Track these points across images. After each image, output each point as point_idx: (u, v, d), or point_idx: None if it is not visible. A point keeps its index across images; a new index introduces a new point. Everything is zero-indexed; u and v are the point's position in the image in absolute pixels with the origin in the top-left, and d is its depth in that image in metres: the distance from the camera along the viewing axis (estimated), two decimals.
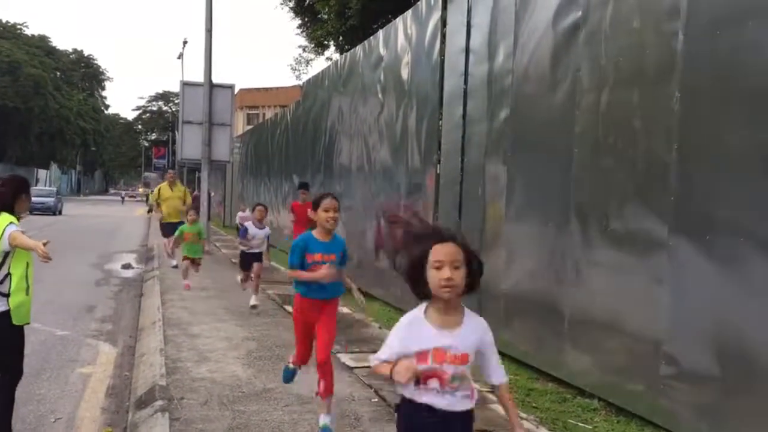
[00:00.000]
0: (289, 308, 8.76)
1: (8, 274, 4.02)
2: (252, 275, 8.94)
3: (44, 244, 3.96)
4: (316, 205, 4.36)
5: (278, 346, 6.69)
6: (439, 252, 2.26)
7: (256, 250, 9.06)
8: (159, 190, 13.99)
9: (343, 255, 4.46)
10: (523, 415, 4.85)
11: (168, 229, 13.31)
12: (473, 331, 2.39)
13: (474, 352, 2.39)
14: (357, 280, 10.56)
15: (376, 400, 5.09)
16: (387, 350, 2.40)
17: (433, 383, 2.32)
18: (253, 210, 9.44)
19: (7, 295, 3.99)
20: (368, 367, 5.92)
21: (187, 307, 8.66)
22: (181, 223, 11.72)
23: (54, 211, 34.47)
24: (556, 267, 5.79)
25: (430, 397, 2.32)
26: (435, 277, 2.25)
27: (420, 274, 2.30)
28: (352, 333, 7.52)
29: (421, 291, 2.34)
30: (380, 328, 7.91)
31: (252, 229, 9.05)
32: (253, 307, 8.58)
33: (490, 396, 5.23)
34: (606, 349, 5.19)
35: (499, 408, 4.98)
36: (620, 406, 4.98)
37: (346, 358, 6.31)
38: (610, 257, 5.17)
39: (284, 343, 6.83)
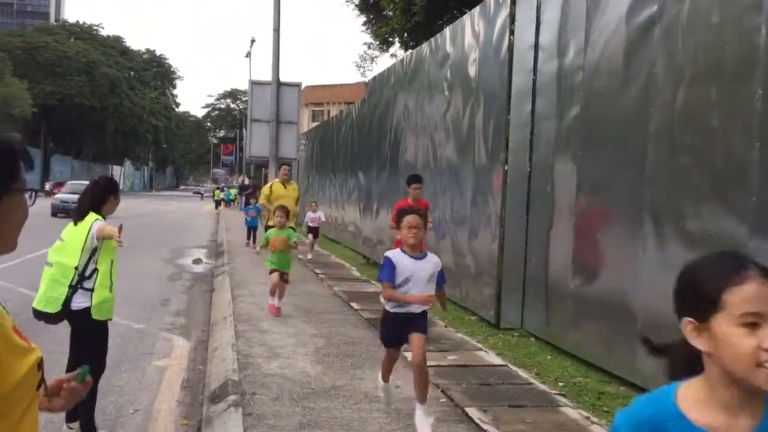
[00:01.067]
0: (356, 305, 8.84)
1: (95, 270, 4.20)
2: (409, 357, 4.84)
3: (119, 229, 4.11)
4: None
5: (345, 343, 6.75)
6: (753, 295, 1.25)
7: (416, 309, 4.48)
8: (271, 187, 11.45)
9: None
10: (595, 419, 4.77)
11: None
12: None
13: None
14: None
15: (444, 399, 5.09)
16: None
17: None
18: (396, 221, 4.65)
19: (91, 290, 4.17)
20: (435, 366, 5.94)
21: (257, 303, 8.84)
22: (293, 231, 9.94)
23: None
24: (629, 268, 5.66)
25: None
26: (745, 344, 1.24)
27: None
28: None
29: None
30: (446, 326, 7.89)
31: (403, 261, 4.48)
32: None
33: (561, 398, 5.18)
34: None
35: (569, 411, 4.92)
36: None
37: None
38: (686, 258, 5.00)
39: (351, 340, 6.90)
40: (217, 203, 41.82)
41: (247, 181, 27.23)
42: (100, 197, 4.37)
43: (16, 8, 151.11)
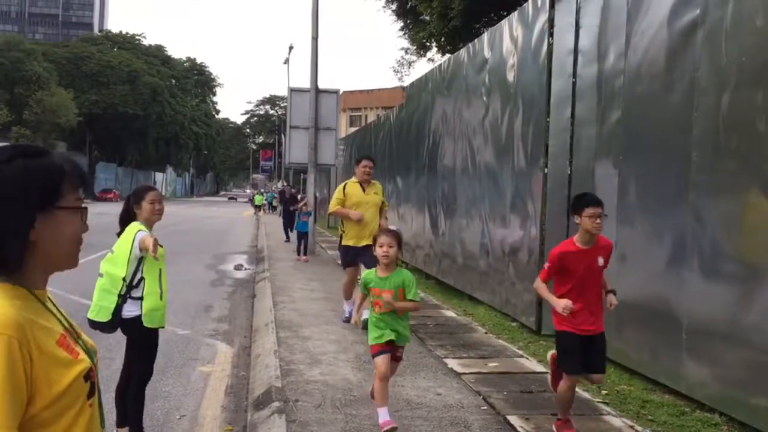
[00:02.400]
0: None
1: (142, 278, 4.32)
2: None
3: (153, 243, 4.21)
4: None
5: None
6: None
7: None
8: (344, 188, 8.40)
9: None
10: (639, 428, 4.72)
11: (351, 255, 8.16)
12: None
13: None
14: (461, 284, 10.62)
15: (485, 407, 5.09)
16: None
17: None
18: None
19: (140, 299, 4.29)
20: (476, 373, 5.93)
21: (298, 309, 8.93)
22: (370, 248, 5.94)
23: None
24: (673, 274, 5.58)
25: None
26: None
27: None
28: (458, 338, 7.53)
29: None
30: (486, 333, 7.87)
31: None
32: None
33: (604, 407, 5.13)
34: (728, 360, 4.97)
35: (612, 420, 4.87)
36: (744, 422, 4.75)
37: (453, 364, 6.33)
38: (733, 265, 4.94)
39: None
40: (258, 208, 42.02)
41: (284, 187, 27.27)
42: (127, 210, 4.51)
43: (61, 19, 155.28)
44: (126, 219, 4.50)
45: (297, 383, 5.52)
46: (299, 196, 22.81)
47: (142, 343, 4.39)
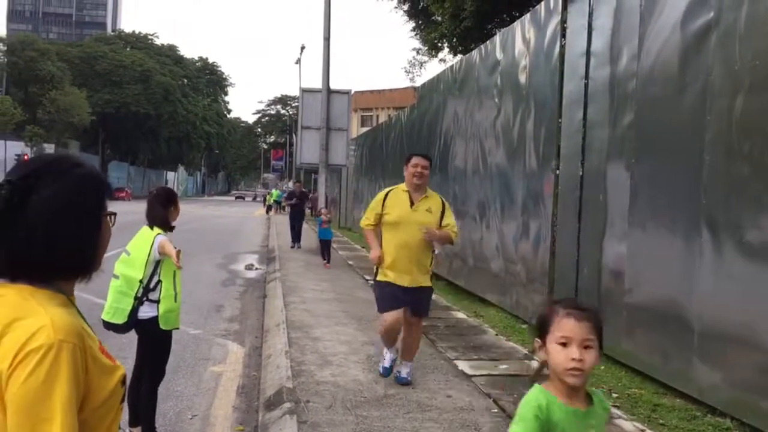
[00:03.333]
0: None
1: (159, 281, 4.36)
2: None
3: (178, 253, 4.28)
4: None
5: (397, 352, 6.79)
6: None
7: None
8: (385, 197, 5.87)
9: None
10: None
11: (391, 297, 5.56)
12: None
13: None
14: (472, 285, 10.62)
15: (496, 410, 5.09)
16: None
17: None
18: None
19: (157, 302, 4.34)
20: (487, 375, 5.93)
21: (309, 310, 8.96)
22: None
23: None
24: (685, 278, 5.56)
25: None
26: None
27: None
28: (468, 340, 7.53)
29: None
30: (496, 335, 7.87)
31: None
32: None
33: (615, 410, 5.12)
34: (741, 365, 4.95)
35: (623, 423, 4.86)
36: (756, 427, 4.73)
37: (464, 366, 6.34)
38: (745, 269, 4.91)
39: None
40: (269, 208, 41.96)
41: (293, 187, 27.30)
42: (163, 210, 4.52)
43: (75, 19, 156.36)
44: (156, 221, 4.47)
45: (308, 384, 5.54)
46: (310, 196, 22.88)
47: (155, 344, 4.43)
